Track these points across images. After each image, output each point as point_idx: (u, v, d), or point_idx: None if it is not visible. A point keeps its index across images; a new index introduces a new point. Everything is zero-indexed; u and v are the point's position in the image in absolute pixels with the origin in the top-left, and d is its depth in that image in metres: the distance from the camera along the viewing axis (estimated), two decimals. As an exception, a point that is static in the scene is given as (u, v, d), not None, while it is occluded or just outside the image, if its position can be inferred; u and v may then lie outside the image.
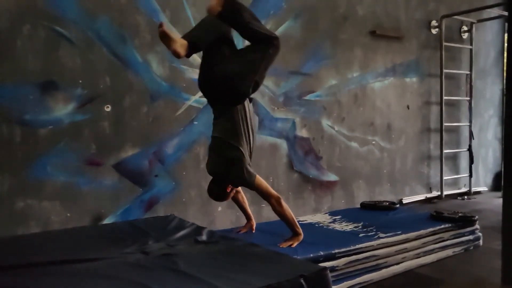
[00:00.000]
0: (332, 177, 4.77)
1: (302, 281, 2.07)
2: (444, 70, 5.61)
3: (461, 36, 5.97)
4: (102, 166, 3.39)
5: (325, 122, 4.71)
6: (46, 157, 3.18)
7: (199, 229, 2.91)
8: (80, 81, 3.31)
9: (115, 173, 3.45)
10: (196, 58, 3.81)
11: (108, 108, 3.42)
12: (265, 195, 2.89)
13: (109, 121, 3.43)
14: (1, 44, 3.02)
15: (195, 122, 3.83)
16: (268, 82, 4.27)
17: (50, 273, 2.13)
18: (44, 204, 3.18)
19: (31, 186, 3.13)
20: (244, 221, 3.45)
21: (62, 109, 3.25)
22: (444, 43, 5.58)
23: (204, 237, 2.75)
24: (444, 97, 5.63)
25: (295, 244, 2.87)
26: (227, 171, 2.82)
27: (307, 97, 4.56)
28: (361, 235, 3.28)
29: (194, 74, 3.81)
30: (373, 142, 5.13)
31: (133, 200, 3.55)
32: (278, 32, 4.29)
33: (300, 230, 2.95)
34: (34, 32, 3.13)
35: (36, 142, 3.16)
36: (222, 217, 3.97)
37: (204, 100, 3.84)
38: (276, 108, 4.35)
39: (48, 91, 3.19)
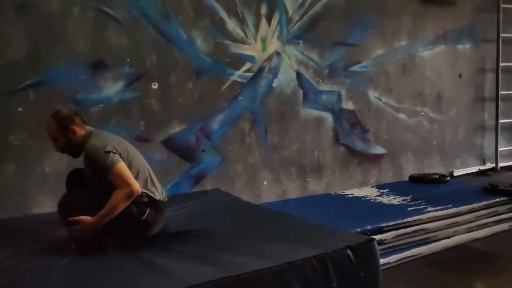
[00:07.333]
0: (379, 149, 4.68)
1: (349, 252, 2.09)
2: (502, 35, 5.25)
3: (521, -4, 5.54)
4: (151, 142, 3.50)
5: (372, 94, 4.58)
6: (99, 135, 3.31)
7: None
8: (128, 60, 3.39)
9: (164, 149, 3.55)
10: (239, 32, 3.80)
11: (155, 86, 3.50)
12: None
13: (157, 98, 3.51)
14: (55, 26, 3.14)
15: (239, 97, 3.84)
16: (312, 54, 4.19)
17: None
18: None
19: (87, 162, 3.29)
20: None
21: (112, 88, 3.36)
22: (502, 5, 5.20)
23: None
24: (501, 64, 5.30)
25: (78, 230, 2.20)
26: None
27: (353, 69, 4.44)
28: (409, 208, 3.22)
29: (238, 49, 3.80)
30: (422, 113, 4.95)
31: (181, 175, 3.65)
32: (321, 3, 4.18)
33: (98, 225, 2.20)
34: (83, 14, 3.22)
35: (89, 121, 3.27)
36: (268, 190, 4.01)
37: (248, 74, 3.87)
38: (321, 80, 4.27)
39: (98, 70, 3.30)
